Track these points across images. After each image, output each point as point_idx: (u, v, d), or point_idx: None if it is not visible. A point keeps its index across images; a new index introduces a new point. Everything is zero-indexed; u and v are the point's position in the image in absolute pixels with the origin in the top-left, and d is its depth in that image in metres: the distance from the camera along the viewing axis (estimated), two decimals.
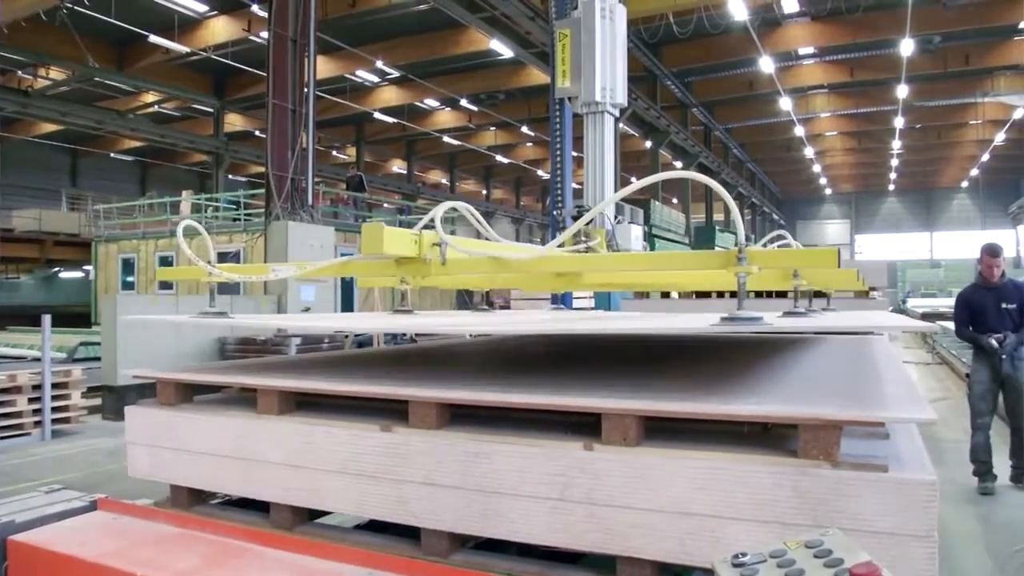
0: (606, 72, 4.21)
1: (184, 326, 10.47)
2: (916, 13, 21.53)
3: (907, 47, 24.26)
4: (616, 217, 4.49)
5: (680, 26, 21.89)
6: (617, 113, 4.37)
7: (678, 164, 32.43)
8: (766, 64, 26.23)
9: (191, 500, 2.85)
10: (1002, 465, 6.26)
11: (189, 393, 2.98)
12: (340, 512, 2.60)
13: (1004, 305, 6.25)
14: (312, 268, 3.25)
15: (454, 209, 3.21)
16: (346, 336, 11.43)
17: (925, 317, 22.49)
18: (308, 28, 13.35)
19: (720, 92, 32.27)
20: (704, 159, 32.63)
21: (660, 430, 2.17)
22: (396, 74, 28.27)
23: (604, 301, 13.95)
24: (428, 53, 24.95)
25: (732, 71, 29.52)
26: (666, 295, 6.24)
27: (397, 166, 44.10)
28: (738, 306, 2.40)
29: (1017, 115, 33.39)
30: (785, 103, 31.15)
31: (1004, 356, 6.14)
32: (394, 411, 2.49)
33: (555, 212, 11.96)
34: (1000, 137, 38.60)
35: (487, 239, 3.34)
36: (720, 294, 5.81)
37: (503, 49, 21.07)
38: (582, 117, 4.48)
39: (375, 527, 2.65)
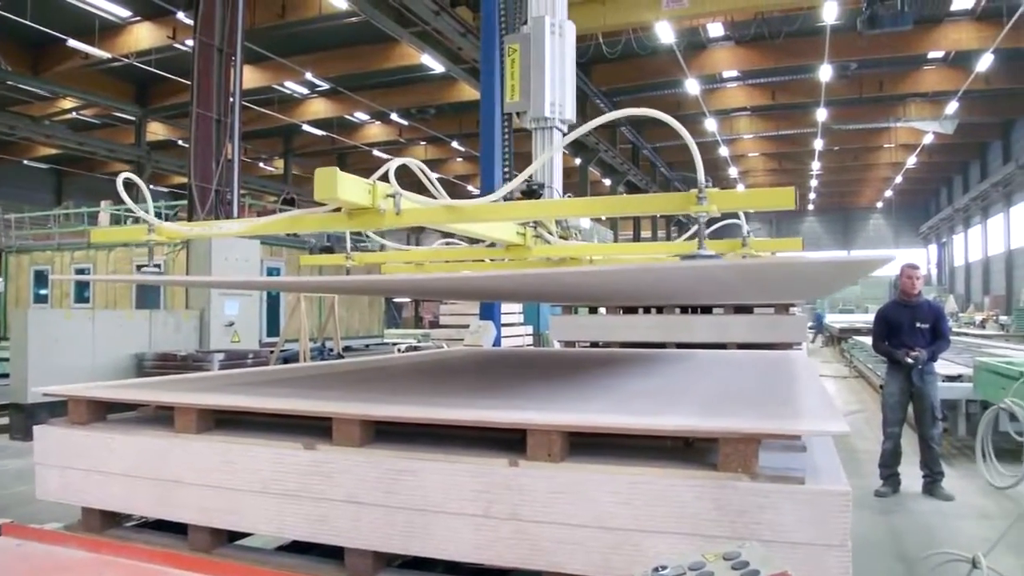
0: (555, 88, 4.20)
1: (97, 341, 10.11)
2: (834, 40, 22.41)
3: (825, 73, 25.22)
4: (566, 194, 4.47)
5: (609, 46, 22.26)
6: (565, 129, 4.36)
7: (606, 181, 32.87)
8: (692, 86, 26.87)
9: (104, 523, 2.73)
10: (916, 476, 6.52)
11: (102, 411, 2.87)
12: (261, 533, 2.54)
13: (919, 323, 6.56)
14: (261, 223, 3.22)
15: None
16: (271, 351, 11.20)
17: (843, 332, 23.30)
18: (235, 37, 13.10)
19: None
20: (632, 176, 33.15)
21: (586, 445, 2.18)
22: (326, 86, 27.96)
23: (533, 316, 14.05)
24: (358, 66, 24.76)
25: (660, 91, 30.14)
26: (594, 311, 6.31)
27: None
28: (698, 246, 2.49)
29: (927, 140, 35.00)
30: (710, 124, 31.92)
31: (919, 367, 6.44)
32: (318, 428, 2.45)
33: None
34: (912, 161, 40.35)
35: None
36: (647, 309, 5.91)
37: (434, 64, 21.05)
38: (529, 132, 4.49)
39: (298, 548, 2.60)
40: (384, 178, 2.86)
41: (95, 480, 2.68)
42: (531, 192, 3.90)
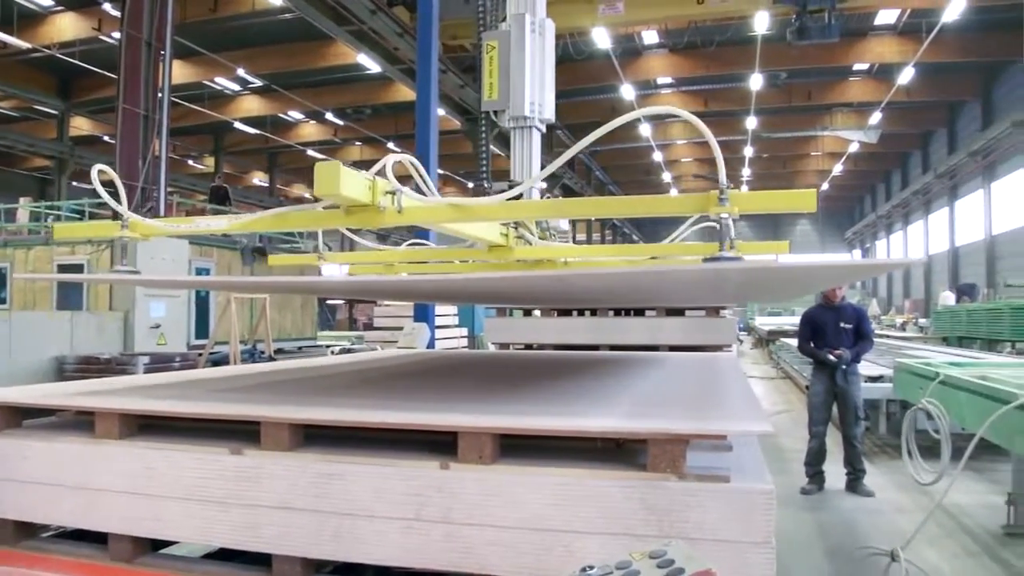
0: (535, 87, 4.09)
1: (14, 343, 9.72)
2: (764, 50, 23.02)
3: (756, 81, 25.91)
4: (546, 195, 4.41)
5: None
6: (544, 129, 4.28)
7: (542, 184, 33.11)
8: (627, 91, 27.25)
9: (18, 534, 2.62)
10: (840, 473, 6.73)
11: (18, 417, 2.76)
12: (186, 541, 2.47)
13: (842, 324, 6.78)
14: (249, 219, 3.10)
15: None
16: (199, 354, 10.93)
17: (771, 334, 23.89)
18: (164, 31, 12.76)
19: (584, 116, 33.16)
20: (568, 180, 33.42)
21: (518, 447, 2.19)
22: (259, 83, 27.46)
23: (468, 318, 14.04)
24: (293, 64, 24.38)
25: (595, 96, 30.45)
26: (528, 313, 6.34)
27: (258, 178, 42.75)
28: (720, 247, 2.44)
29: (852, 148, 36.23)
30: (645, 129, 32.44)
31: (842, 368, 6.67)
32: (246, 433, 2.40)
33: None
34: (838, 168, 41.68)
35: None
36: (581, 312, 5.96)
37: (371, 64, 20.87)
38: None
39: (225, 555, 2.54)
40: (381, 175, 2.76)
41: (9, 489, 2.57)
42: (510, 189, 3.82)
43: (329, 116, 31.21)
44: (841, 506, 6.27)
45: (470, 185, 28.04)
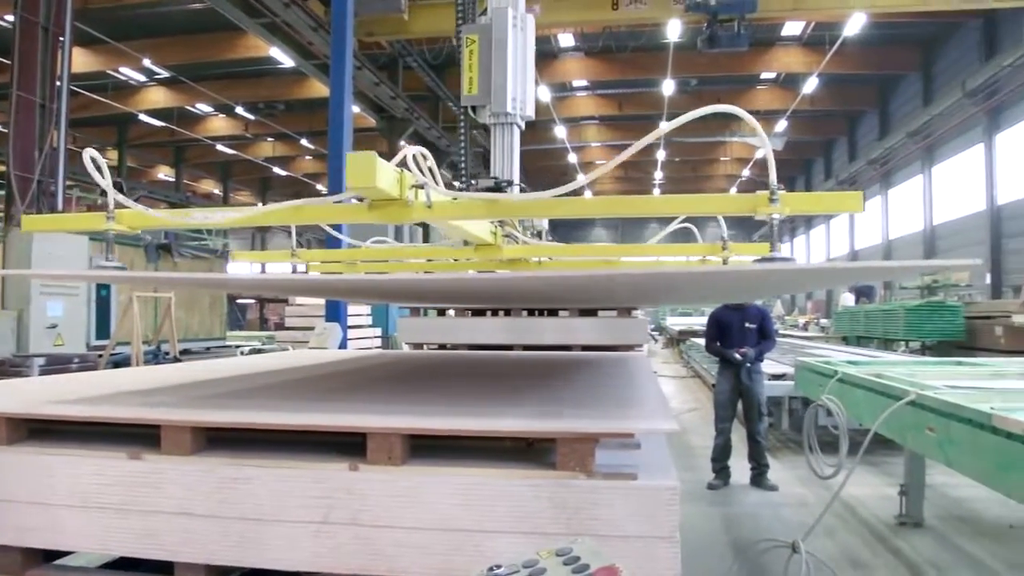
0: (517, 83, 3.97)
1: None
2: (676, 57, 23.58)
3: (668, 87, 26.52)
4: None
5: None
6: (524, 125, 4.17)
7: (457, 185, 32.96)
8: (543, 93, 27.45)
9: None
10: (745, 468, 6.94)
11: None
12: (82, 550, 2.37)
13: (747, 325, 7.01)
14: (259, 212, 2.91)
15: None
16: (100, 355, 10.48)
17: (681, 334, 24.44)
18: (64, 16, 12.16)
19: None
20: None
21: (429, 448, 2.18)
22: (165, 74, 26.48)
23: (382, 318, 13.90)
24: (202, 55, 23.61)
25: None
26: (442, 313, 6.31)
27: (164, 173, 41.26)
28: (770, 248, 2.53)
29: (759, 155, 37.38)
30: (560, 131, 32.74)
31: (747, 366, 6.89)
32: (147, 437, 2.31)
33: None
34: (745, 173, 42.99)
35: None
36: (495, 312, 5.97)
37: (284, 58, 20.37)
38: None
39: (126, 564, 2.44)
40: (402, 167, 2.65)
41: None
42: (498, 188, 3.73)
43: (240, 110, 30.37)
44: (746, 500, 6.46)
45: None
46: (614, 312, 5.81)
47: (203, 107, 30.85)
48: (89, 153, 3.01)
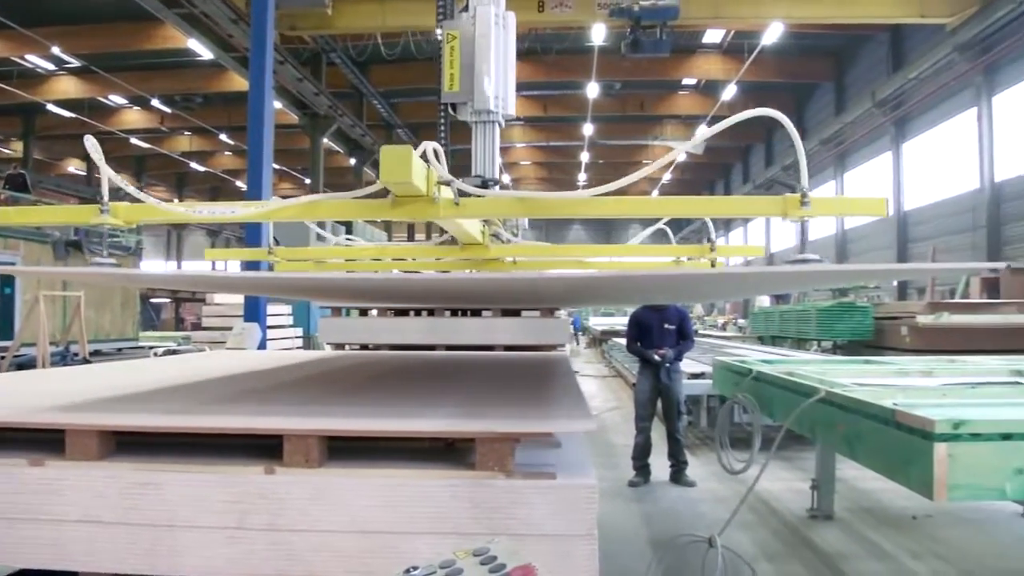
0: (499, 81, 3.89)
1: None
2: (600, 61, 23.90)
3: (593, 90, 26.86)
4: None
5: (388, 48, 22.18)
6: (504, 124, 4.10)
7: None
8: None
9: None
10: (665, 466, 7.07)
11: None
12: None
13: (667, 325, 7.15)
14: (274, 207, 2.82)
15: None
16: (2, 357, 10.00)
17: (604, 334, 24.76)
18: None
19: (425, 115, 33.08)
20: None
21: (348, 450, 2.15)
22: (76, 63, 25.40)
23: (303, 317, 13.67)
24: (116, 44, 22.71)
25: (437, 97, 30.42)
26: (364, 313, 6.24)
27: (75, 166, 39.62)
28: (800, 250, 2.38)
29: (681, 158, 38.17)
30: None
31: (666, 366, 7.02)
32: (51, 443, 2.21)
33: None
34: (667, 177, 43.84)
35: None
36: (417, 312, 5.93)
37: (202, 50, 19.78)
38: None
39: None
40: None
41: None
42: (484, 186, 3.62)
43: (156, 103, 29.39)
44: (665, 496, 6.59)
45: (307, 181, 27.25)
46: (537, 312, 5.84)
47: (117, 99, 29.76)
48: (89, 140, 2.94)
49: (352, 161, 27.84)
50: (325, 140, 23.39)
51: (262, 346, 10.12)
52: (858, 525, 5.60)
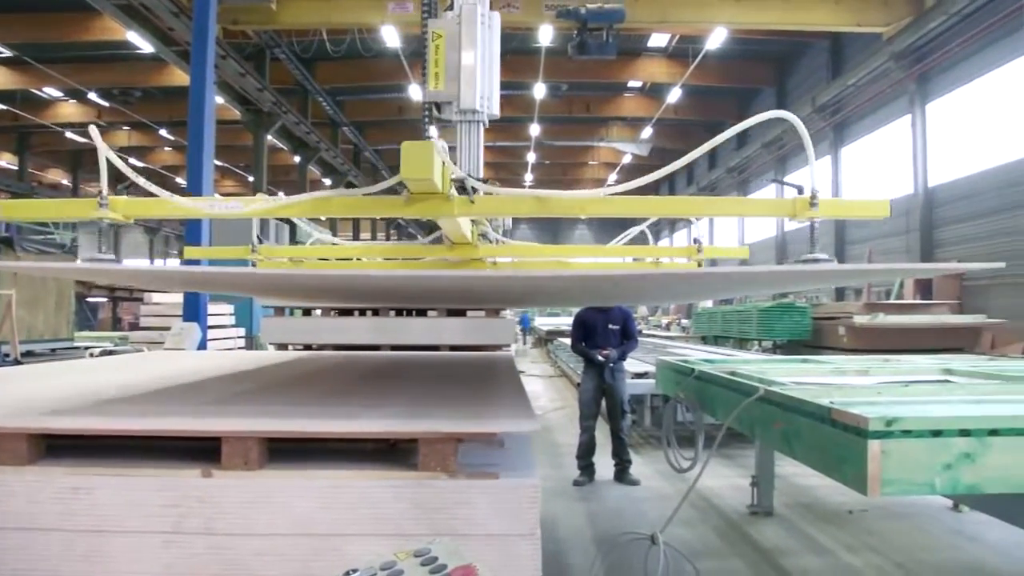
0: (484, 81, 3.87)
1: None
2: (548, 62, 24.03)
3: (539, 91, 26.96)
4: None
5: (334, 44, 21.93)
6: (488, 123, 4.09)
7: (327, 182, 32.27)
8: (415, 91, 27.30)
9: None
10: (610, 464, 7.13)
11: None
12: None
13: (611, 325, 7.21)
14: (275, 204, 2.82)
15: None
16: None
17: (550, 334, 24.87)
18: None
19: (371, 114, 32.90)
20: (353, 178, 32.87)
21: (289, 451, 2.12)
22: (7, 53, 24.53)
23: (245, 317, 13.42)
24: (50, 35, 21.94)
25: (383, 95, 30.30)
26: (307, 313, 6.16)
27: (6, 160, 38.27)
28: (810, 250, 2.76)
29: (626, 160, 38.62)
30: (432, 131, 32.59)
31: (610, 366, 7.08)
32: None
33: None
34: (612, 178, 44.23)
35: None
36: (362, 312, 5.88)
37: (142, 43, 19.27)
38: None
39: None
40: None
41: None
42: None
43: (93, 96, 28.56)
44: (610, 495, 6.65)
45: (250, 179, 26.78)
46: (482, 312, 5.84)
47: (51, 91, 28.82)
48: (93, 129, 2.89)
49: (297, 159, 27.45)
50: (269, 137, 23.02)
51: (202, 346, 9.91)
52: (797, 520, 5.73)
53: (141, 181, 2.85)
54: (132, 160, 37.36)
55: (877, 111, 21.64)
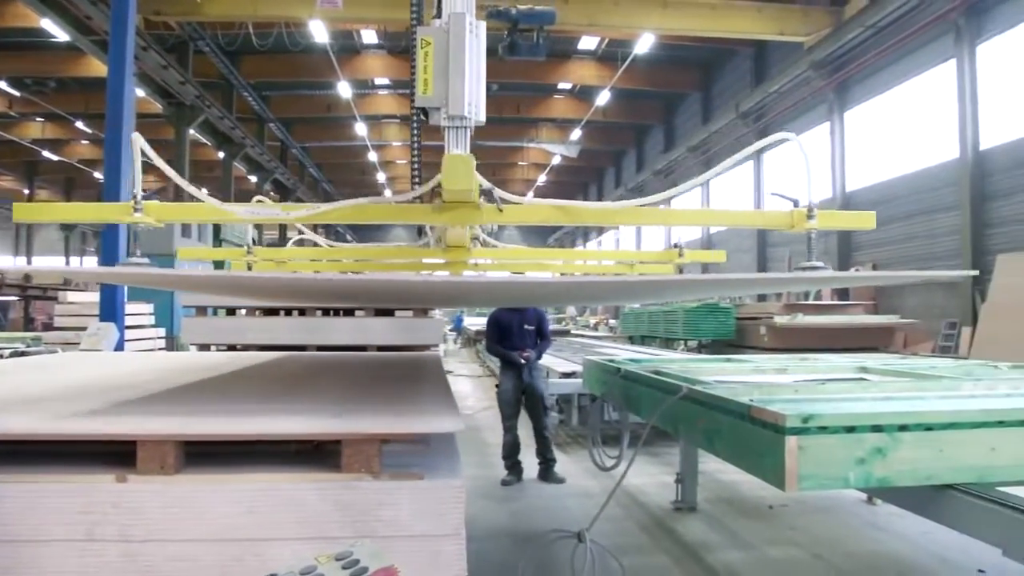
0: (472, 88, 3.92)
1: None
2: None
3: None
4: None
5: (260, 38, 21.50)
6: (474, 129, 4.17)
7: (252, 179, 31.61)
8: (344, 89, 26.97)
9: None
10: (536, 463, 7.18)
11: None
12: None
13: (526, 326, 7.31)
14: (318, 211, 2.89)
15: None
16: None
17: (478, 334, 24.84)
18: None
19: (298, 110, 32.35)
20: (280, 175, 32.26)
21: (210, 455, 2.06)
22: None
23: (167, 317, 13.05)
24: None
25: (311, 91, 29.84)
26: (231, 312, 6.02)
27: None
28: (807, 259, 3.00)
29: (555, 161, 38.91)
30: (360, 128, 32.26)
31: (526, 367, 7.15)
32: None
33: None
34: (542, 179, 44.53)
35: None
36: (288, 311, 5.78)
37: (57, 31, 18.47)
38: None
39: None
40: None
41: None
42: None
43: (3, 85, 27.30)
44: (537, 494, 6.68)
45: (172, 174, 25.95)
46: (410, 312, 5.81)
47: None
48: (135, 136, 2.88)
49: (221, 155, 26.78)
50: (192, 132, 22.40)
51: (120, 347, 9.59)
52: (720, 516, 5.86)
53: (186, 186, 3.03)
54: (46, 153, 35.99)
55: (798, 118, 22.32)
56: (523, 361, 7.11)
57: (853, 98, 19.72)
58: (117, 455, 2.02)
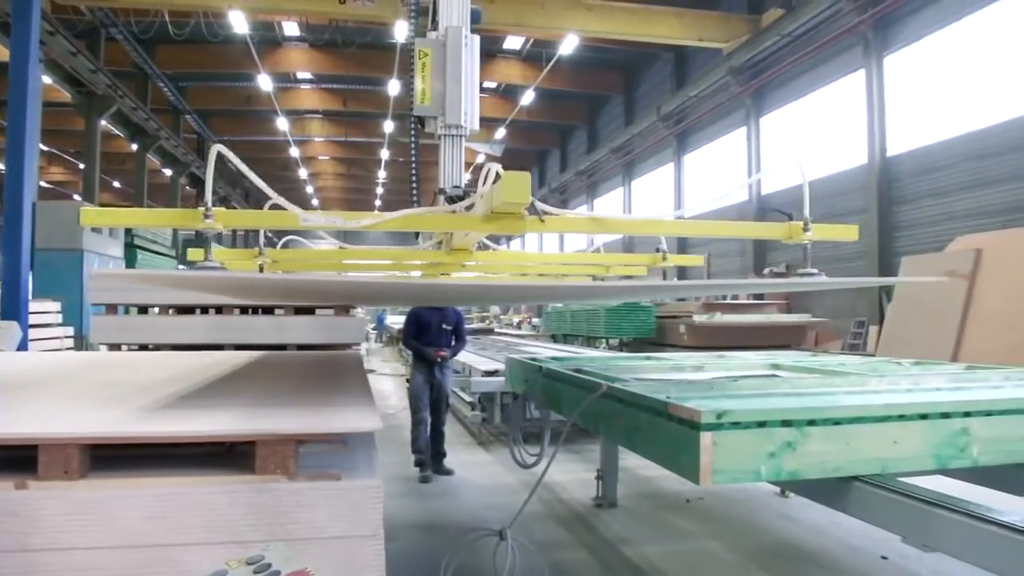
0: (467, 98, 4.24)
1: None
2: (403, 58, 23.77)
3: (394, 87, 26.66)
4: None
5: (176, 27, 20.85)
6: (467, 138, 4.47)
7: (167, 171, 30.62)
8: (265, 82, 26.41)
9: None
10: (458, 461, 7.18)
11: None
12: None
13: (444, 325, 7.45)
14: (385, 219, 3.28)
15: None
16: None
17: (400, 332, 24.64)
18: None
19: (217, 102, 31.52)
20: (196, 169, 31.36)
21: (117, 458, 1.98)
22: None
23: (75, 316, 12.52)
24: None
25: (230, 83, 29.13)
26: (144, 311, 5.81)
27: None
28: (803, 266, 3.40)
29: (480, 159, 38.86)
30: (282, 123, 31.64)
31: (438, 365, 7.32)
32: None
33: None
34: (466, 178, 44.42)
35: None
36: (204, 310, 5.61)
37: None
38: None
39: None
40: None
41: None
42: (463, 197, 3.99)
43: None
44: (460, 492, 6.68)
45: (81, 166, 24.84)
46: (331, 311, 5.72)
47: None
48: (216, 149, 3.21)
49: (134, 147, 25.84)
50: (103, 122, 21.54)
51: (23, 347, 9.16)
52: (639, 510, 5.98)
53: (273, 195, 3.46)
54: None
55: (717, 122, 22.89)
56: (439, 360, 7.29)
57: (769, 104, 20.33)
58: (16, 460, 1.92)
